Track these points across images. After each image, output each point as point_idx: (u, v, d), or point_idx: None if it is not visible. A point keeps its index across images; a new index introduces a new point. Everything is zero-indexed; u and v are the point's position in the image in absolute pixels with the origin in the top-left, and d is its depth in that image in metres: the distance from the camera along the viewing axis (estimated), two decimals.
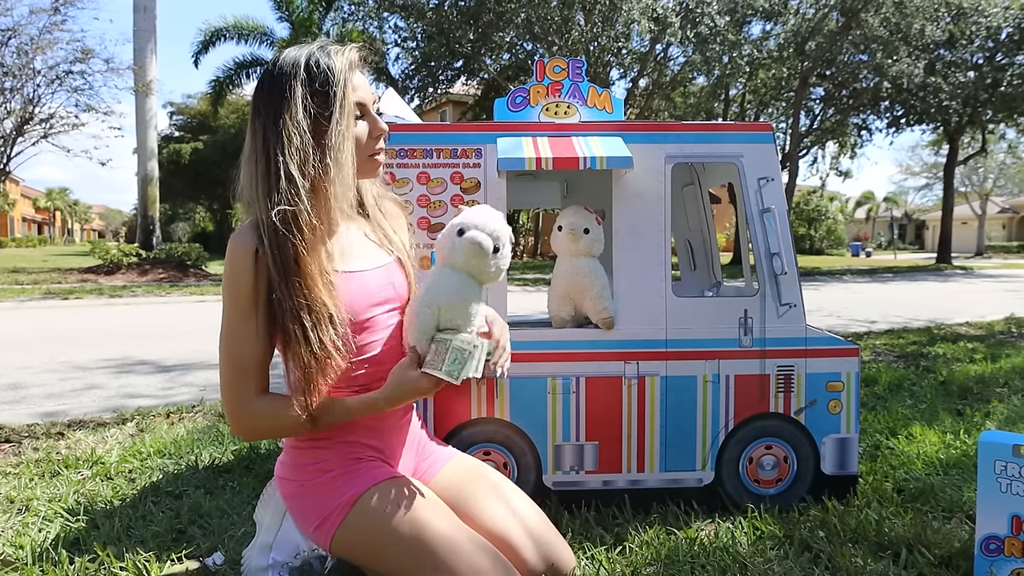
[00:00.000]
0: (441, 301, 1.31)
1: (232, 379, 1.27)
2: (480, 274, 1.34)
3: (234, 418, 1.29)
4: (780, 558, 1.62)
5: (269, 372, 1.30)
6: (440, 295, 1.32)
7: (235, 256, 1.26)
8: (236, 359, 1.27)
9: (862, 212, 52.86)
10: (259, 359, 1.28)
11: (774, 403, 1.93)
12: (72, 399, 3.66)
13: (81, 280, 12.28)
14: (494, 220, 1.34)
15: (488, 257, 1.32)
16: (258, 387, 1.28)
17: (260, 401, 1.28)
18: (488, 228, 1.32)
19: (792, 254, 1.93)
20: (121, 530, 1.80)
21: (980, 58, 19.00)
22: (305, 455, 1.36)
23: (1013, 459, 1.45)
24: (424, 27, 15.50)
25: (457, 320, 1.31)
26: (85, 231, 69.75)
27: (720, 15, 14.36)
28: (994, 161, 34.40)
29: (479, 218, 1.34)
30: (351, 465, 1.34)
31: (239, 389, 1.27)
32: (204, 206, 36.64)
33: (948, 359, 4.37)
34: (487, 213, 1.35)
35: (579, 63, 2.01)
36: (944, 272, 18.75)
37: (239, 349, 1.26)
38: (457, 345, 1.26)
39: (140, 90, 13.92)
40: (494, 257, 1.33)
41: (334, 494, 1.32)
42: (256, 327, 1.26)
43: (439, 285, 1.33)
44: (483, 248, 1.30)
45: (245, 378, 1.27)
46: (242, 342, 1.26)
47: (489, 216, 1.35)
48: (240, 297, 1.25)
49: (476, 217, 1.34)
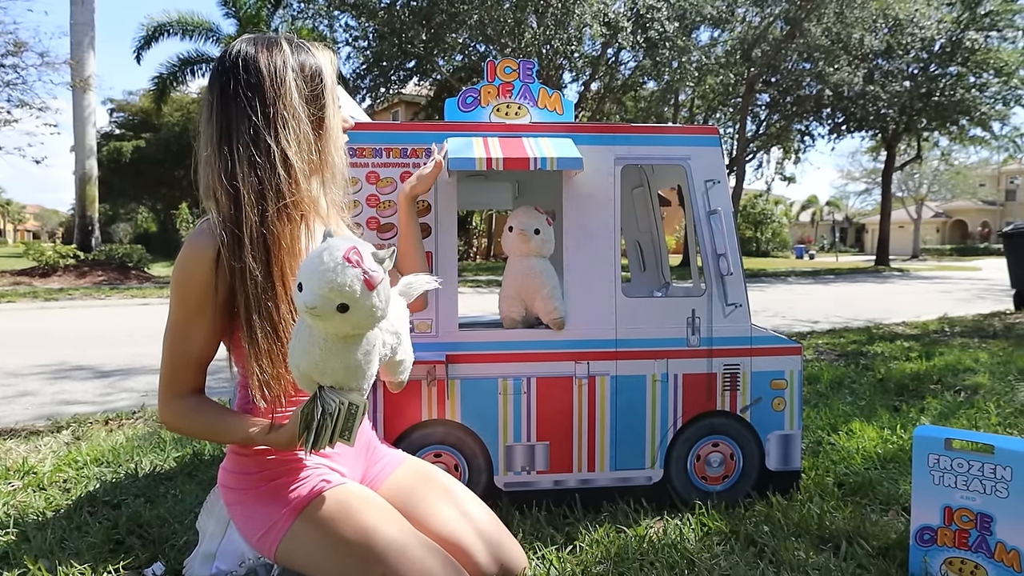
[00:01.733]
0: (300, 364, 1.13)
1: (169, 371, 1.27)
2: (338, 332, 1.08)
3: (162, 407, 1.28)
4: (726, 553, 1.65)
5: (205, 374, 1.30)
6: (297, 357, 1.13)
7: (192, 259, 1.22)
8: (176, 354, 1.26)
9: (807, 215, 54.46)
10: (198, 358, 1.27)
11: (721, 401, 1.97)
12: (3, 406, 3.50)
13: (14, 283, 11.75)
14: (331, 272, 1.01)
15: (333, 318, 1.04)
16: (192, 384, 1.28)
17: (190, 398, 1.28)
18: (323, 287, 1.02)
19: (738, 255, 1.97)
20: (54, 542, 1.72)
21: (915, 68, 19.81)
22: (249, 462, 1.32)
23: (945, 452, 1.51)
24: (376, 26, 15.34)
25: (326, 380, 1.13)
26: (18, 232, 66.78)
27: (670, 20, 14.61)
28: (929, 168, 35.82)
29: (316, 270, 1.03)
30: (297, 473, 1.31)
31: (172, 381, 1.27)
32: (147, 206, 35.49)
33: (886, 357, 4.54)
34: (326, 260, 1.03)
35: (530, 64, 2.01)
36: (882, 274, 19.45)
37: (182, 346, 1.25)
38: (310, 411, 1.13)
39: (77, 86, 13.41)
40: (342, 316, 1.04)
41: (279, 502, 1.28)
42: (203, 327, 1.24)
43: (297, 345, 1.13)
44: (317, 315, 1.04)
45: (182, 373, 1.27)
46: (186, 340, 1.25)
47: (327, 265, 1.02)
48: (189, 299, 1.23)
49: (313, 268, 1.03)
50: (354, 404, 1.15)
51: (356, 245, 1.06)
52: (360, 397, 1.16)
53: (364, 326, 1.10)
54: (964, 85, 19.27)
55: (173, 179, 28.97)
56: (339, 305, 1.03)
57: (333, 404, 1.12)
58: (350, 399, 1.14)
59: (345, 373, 1.12)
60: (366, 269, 1.04)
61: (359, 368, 1.13)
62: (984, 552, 1.48)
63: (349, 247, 1.05)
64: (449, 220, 1.90)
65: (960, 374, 3.87)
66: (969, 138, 22.57)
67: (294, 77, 1.26)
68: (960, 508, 1.50)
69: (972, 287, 13.62)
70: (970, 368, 4.03)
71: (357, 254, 1.04)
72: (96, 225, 14.28)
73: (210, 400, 1.31)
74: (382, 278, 1.07)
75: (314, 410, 1.13)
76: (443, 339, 1.86)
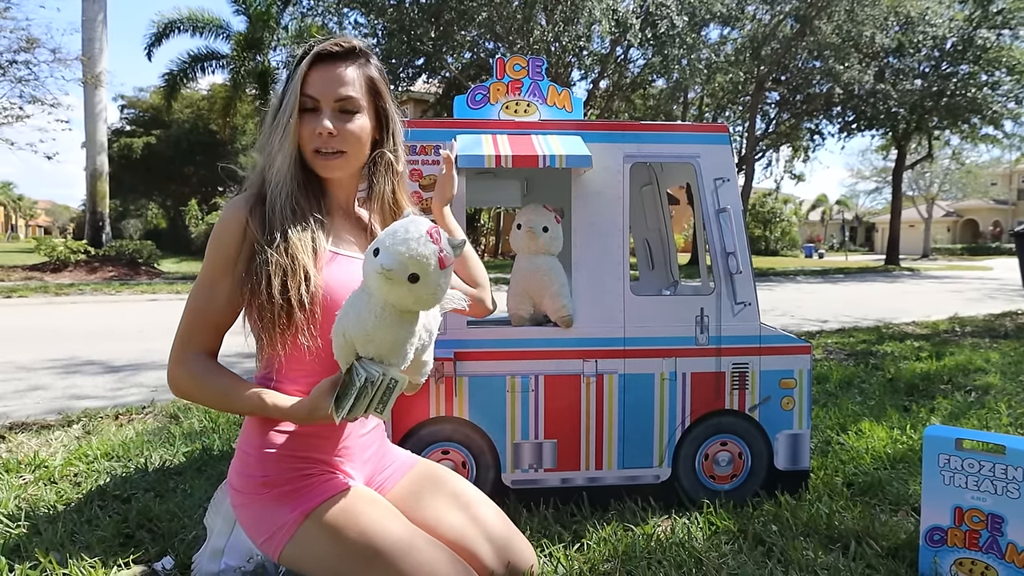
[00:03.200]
0: (349, 330, 1.15)
1: (185, 328, 1.29)
2: (398, 303, 1.13)
3: (173, 366, 1.30)
4: (734, 552, 1.65)
5: (222, 340, 1.33)
6: (348, 323, 1.16)
7: (226, 221, 1.29)
8: (198, 310, 1.29)
9: (816, 214, 54.25)
10: (217, 319, 1.29)
11: (729, 400, 1.96)
12: (14, 401, 3.53)
13: (26, 278, 11.84)
14: (414, 242, 1.08)
15: (401, 286, 1.09)
16: (206, 346, 1.30)
17: (200, 360, 1.29)
18: (403, 253, 1.08)
19: (747, 254, 1.97)
20: (65, 535, 1.73)
21: (926, 67, 19.67)
22: (252, 465, 1.31)
23: (956, 453, 1.50)
24: (385, 24, 15.34)
25: (370, 351, 1.16)
26: (30, 227, 67.29)
27: (679, 17, 14.55)
28: (939, 166, 35.62)
29: (398, 237, 1.10)
30: (299, 482, 1.30)
31: (189, 340, 1.29)
32: (157, 203, 35.65)
33: (896, 357, 4.51)
34: (411, 230, 1.10)
35: (539, 62, 2.01)
36: (892, 273, 19.34)
37: (205, 303, 1.29)
38: (349, 380, 1.15)
39: (89, 82, 13.48)
40: (410, 286, 1.09)
41: (282, 509, 1.28)
42: (226, 288, 1.28)
43: (350, 311, 1.16)
44: (389, 277, 1.08)
45: (197, 331, 1.29)
46: (210, 298, 1.29)
47: (411, 235, 1.09)
48: (219, 257, 1.28)
49: (396, 235, 1.10)
50: (395, 379, 1.17)
51: (437, 226, 1.12)
52: (399, 373, 1.18)
53: (425, 303, 1.14)
54: (976, 83, 19.11)
55: (183, 176, 29.11)
56: (411, 275, 1.08)
57: (377, 373, 1.14)
58: (391, 374, 1.16)
59: (392, 346, 1.15)
60: (443, 248, 1.10)
61: (405, 344, 1.17)
62: (995, 553, 1.47)
63: (431, 225, 1.12)
64: (457, 217, 1.90)
65: (971, 374, 3.85)
66: (980, 137, 22.40)
67: (380, 76, 1.37)
68: (971, 509, 1.49)
69: (983, 287, 13.53)
70: (981, 368, 4.00)
71: (438, 232, 1.11)
72: (107, 221, 14.37)
73: (224, 367, 1.31)
74: (452, 260, 1.12)
75: (354, 377, 1.14)
76: (451, 336, 1.86)
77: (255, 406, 1.26)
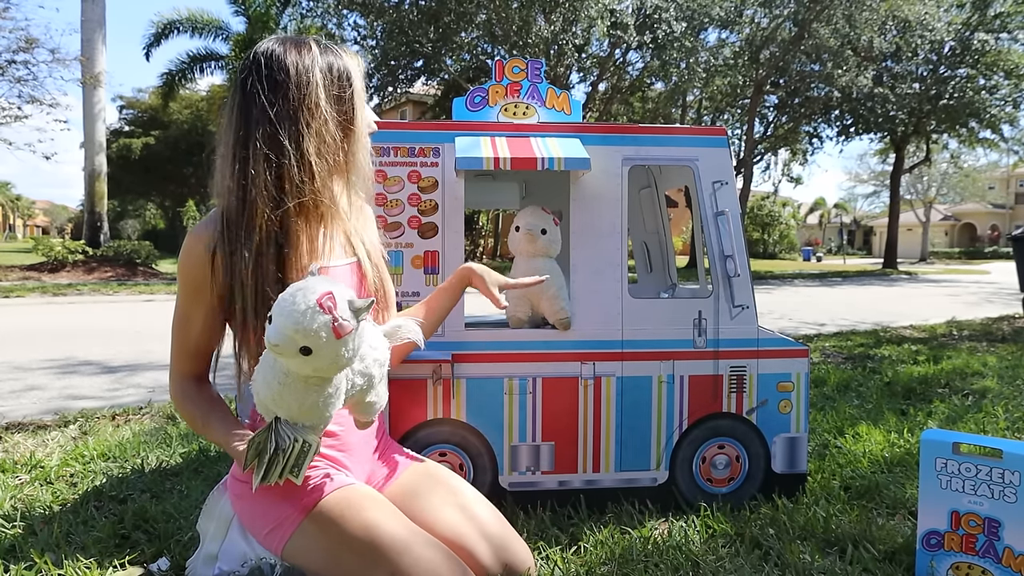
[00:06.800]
0: (259, 393, 1.11)
1: (172, 353, 1.34)
2: (299, 371, 1.06)
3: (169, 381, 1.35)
4: (731, 556, 1.65)
5: (210, 360, 1.35)
6: (258, 386, 1.11)
7: (188, 247, 1.28)
8: (177, 339, 1.33)
9: (814, 218, 54.34)
10: (194, 346, 1.32)
11: (727, 403, 1.96)
12: (11, 401, 3.52)
13: (23, 278, 11.82)
14: (300, 315, 1.00)
15: (294, 358, 1.02)
16: (188, 370, 1.34)
17: (189, 382, 1.34)
18: (288, 327, 1.00)
19: (745, 257, 1.97)
20: (60, 536, 1.73)
21: (925, 70, 19.72)
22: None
23: (953, 456, 1.50)
24: (384, 25, 15.37)
25: (282, 414, 1.11)
26: (28, 227, 67.19)
27: (677, 21, 14.59)
28: (937, 170, 35.72)
29: (284, 309, 1.01)
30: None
31: (175, 362, 1.34)
32: (155, 203, 35.68)
33: (893, 361, 4.52)
34: (299, 301, 1.01)
35: (538, 64, 2.01)
36: (890, 277, 19.37)
37: (181, 332, 1.32)
38: (258, 440, 1.12)
39: (88, 82, 13.48)
40: (304, 359, 1.02)
41: (287, 501, 1.29)
42: (199, 317, 1.29)
43: (259, 374, 1.12)
44: (280, 352, 1.03)
45: (178, 359, 1.33)
46: (184, 326, 1.31)
47: (298, 307, 1.00)
48: (187, 286, 1.29)
49: (283, 307, 1.01)
50: (307, 442, 1.12)
51: (333, 291, 1.03)
52: (314, 436, 1.14)
53: (326, 371, 1.08)
54: (974, 87, 19.18)
55: (181, 176, 29.10)
56: (302, 347, 1.01)
57: (287, 440, 1.11)
58: (305, 437, 1.12)
59: (300, 411, 1.11)
60: (337, 317, 1.02)
61: (315, 409, 1.11)
62: (992, 557, 1.47)
63: (325, 292, 1.02)
64: (456, 220, 1.90)
65: (968, 378, 3.85)
66: (978, 140, 22.45)
67: (321, 78, 1.27)
68: (968, 513, 1.49)
69: (980, 291, 13.55)
70: (978, 372, 4.01)
71: (331, 300, 1.02)
72: (105, 221, 14.36)
73: (208, 392, 1.33)
74: (352, 328, 1.04)
75: (267, 442, 1.11)
76: (449, 338, 1.86)
77: (217, 441, 1.30)
